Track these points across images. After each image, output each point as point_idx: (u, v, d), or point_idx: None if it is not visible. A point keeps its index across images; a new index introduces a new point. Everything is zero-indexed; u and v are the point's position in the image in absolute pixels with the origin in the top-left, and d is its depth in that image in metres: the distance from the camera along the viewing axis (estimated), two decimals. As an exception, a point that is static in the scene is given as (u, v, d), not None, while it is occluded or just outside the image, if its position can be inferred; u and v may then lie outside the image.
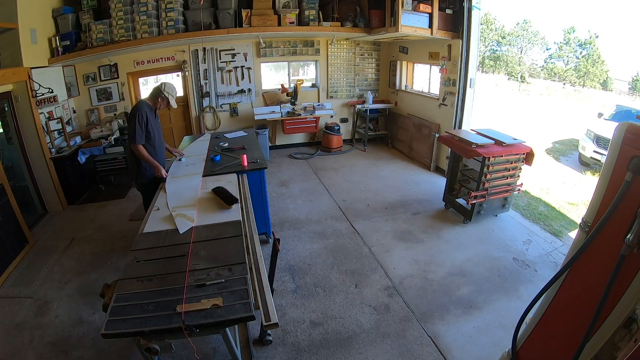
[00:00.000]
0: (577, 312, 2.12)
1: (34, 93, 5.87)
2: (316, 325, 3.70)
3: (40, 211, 6.26)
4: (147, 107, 4.34)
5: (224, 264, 2.59)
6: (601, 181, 2.02)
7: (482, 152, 5.10)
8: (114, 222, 5.97)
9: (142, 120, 4.20)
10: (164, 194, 3.88)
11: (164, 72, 8.70)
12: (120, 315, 2.18)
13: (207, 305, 2.20)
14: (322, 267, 4.63)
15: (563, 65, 36.48)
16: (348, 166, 8.31)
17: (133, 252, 2.80)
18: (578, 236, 2.16)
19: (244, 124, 8.95)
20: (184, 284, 2.38)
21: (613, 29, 54.14)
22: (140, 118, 4.19)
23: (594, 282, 1.98)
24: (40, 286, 4.37)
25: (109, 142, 7.11)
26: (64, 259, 4.94)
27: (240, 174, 4.36)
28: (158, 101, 4.39)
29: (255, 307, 2.25)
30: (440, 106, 7.65)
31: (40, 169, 6.14)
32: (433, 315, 3.81)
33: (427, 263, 4.70)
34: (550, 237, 5.36)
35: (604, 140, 8.30)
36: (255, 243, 2.93)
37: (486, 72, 39.58)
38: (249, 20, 7.49)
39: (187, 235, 2.99)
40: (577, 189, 7.48)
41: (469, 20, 6.49)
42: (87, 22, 7.06)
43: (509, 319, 3.59)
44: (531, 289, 4.14)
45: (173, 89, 4.44)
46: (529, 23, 38.13)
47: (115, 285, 2.44)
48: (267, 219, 4.98)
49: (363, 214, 5.99)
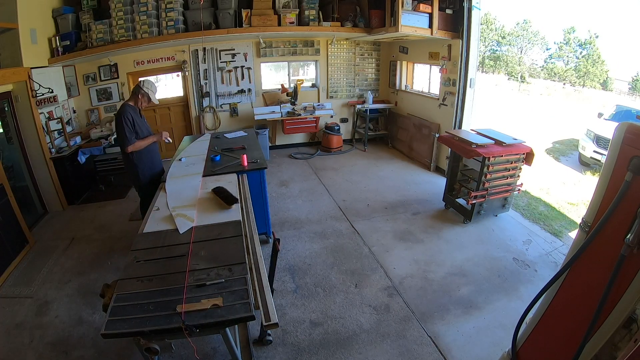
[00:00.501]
0: (577, 312, 2.12)
1: (34, 93, 5.87)
2: (316, 325, 3.70)
3: (40, 211, 6.26)
4: (129, 108, 4.38)
5: (224, 264, 2.59)
6: (601, 181, 2.02)
7: (482, 152, 5.10)
8: (114, 222, 5.98)
9: (128, 122, 4.27)
10: (164, 194, 3.88)
11: (164, 72, 8.71)
12: (120, 315, 2.18)
13: (207, 305, 2.20)
14: (322, 267, 4.63)
15: (563, 65, 36.50)
16: (348, 166, 8.31)
17: (133, 252, 2.80)
18: (578, 236, 2.16)
19: (244, 124, 8.95)
20: (184, 284, 2.38)
21: (613, 29, 54.23)
22: (127, 120, 4.26)
23: (594, 282, 1.98)
24: (40, 286, 4.37)
25: (109, 142, 7.11)
26: (64, 259, 4.94)
27: (240, 174, 4.36)
28: (139, 98, 4.43)
29: (255, 307, 2.25)
30: (440, 106, 7.65)
31: (40, 169, 6.14)
32: (433, 315, 3.81)
33: (427, 263, 4.70)
34: (550, 237, 5.36)
35: (604, 140, 8.30)
36: (255, 243, 2.93)
37: (486, 72, 39.60)
38: (249, 20, 7.49)
39: (187, 235, 2.99)
40: (577, 189, 7.48)
41: (469, 20, 6.49)
42: (87, 22, 7.05)
43: (509, 319, 3.59)
44: (531, 289, 4.14)
45: (152, 85, 4.51)
46: (529, 23, 38.17)
47: (115, 285, 2.44)
48: (267, 219, 4.97)
49: (363, 214, 5.99)
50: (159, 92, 5.02)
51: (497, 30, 39.55)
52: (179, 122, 8.99)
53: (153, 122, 8.70)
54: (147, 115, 8.39)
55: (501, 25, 39.47)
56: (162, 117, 8.79)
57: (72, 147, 6.66)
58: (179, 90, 8.83)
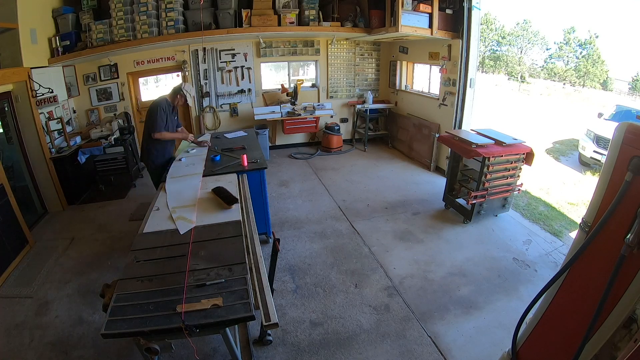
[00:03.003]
0: (577, 312, 2.12)
1: (34, 93, 5.87)
2: (316, 325, 3.70)
3: (40, 211, 6.25)
4: (166, 102, 4.92)
5: (224, 264, 2.59)
6: (601, 181, 2.02)
7: (482, 152, 5.10)
8: (114, 222, 5.97)
9: (162, 113, 4.81)
10: (164, 193, 3.88)
11: (164, 72, 8.71)
12: (120, 315, 2.18)
13: (207, 305, 2.20)
14: (322, 267, 4.63)
15: (563, 65, 36.53)
16: (348, 166, 8.31)
17: (133, 252, 2.80)
18: (578, 236, 2.16)
19: (244, 124, 8.94)
20: (183, 284, 2.39)
21: (613, 29, 54.22)
22: (161, 110, 4.80)
23: (594, 282, 1.98)
24: (40, 286, 4.37)
25: (109, 142, 7.09)
26: (64, 259, 4.94)
27: (240, 174, 4.36)
28: (177, 98, 4.93)
29: (255, 307, 2.25)
30: (440, 106, 7.65)
31: (40, 169, 6.13)
32: (433, 315, 3.81)
33: (427, 263, 4.70)
34: (550, 237, 5.37)
35: (604, 140, 8.30)
36: (255, 243, 2.93)
37: (486, 72, 39.62)
38: (249, 20, 7.49)
39: (187, 235, 2.99)
40: (577, 189, 7.48)
41: (469, 20, 6.49)
42: (87, 22, 7.05)
43: (509, 319, 3.59)
44: (531, 289, 4.14)
45: (191, 89, 5.06)
46: (529, 23, 38.20)
47: (115, 285, 2.44)
48: (267, 219, 4.98)
49: (363, 214, 5.99)
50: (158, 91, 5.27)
51: (497, 30, 39.58)
52: (179, 122, 8.96)
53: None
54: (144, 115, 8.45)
55: (501, 25, 39.52)
56: (162, 117, 8.77)
57: (72, 147, 6.65)
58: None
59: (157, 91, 9.51)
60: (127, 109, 8.17)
